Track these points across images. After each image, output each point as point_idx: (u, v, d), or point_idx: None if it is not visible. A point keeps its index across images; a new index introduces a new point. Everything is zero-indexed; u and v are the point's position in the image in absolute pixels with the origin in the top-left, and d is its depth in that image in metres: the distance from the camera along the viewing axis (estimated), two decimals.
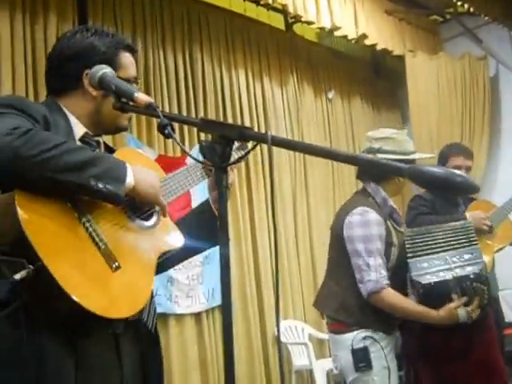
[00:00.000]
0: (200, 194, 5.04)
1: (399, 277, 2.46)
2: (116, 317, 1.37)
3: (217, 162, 1.18)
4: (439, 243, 2.45)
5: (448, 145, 3.58)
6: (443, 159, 3.41)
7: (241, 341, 5.00)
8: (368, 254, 2.36)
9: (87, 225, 1.34)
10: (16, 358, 1.28)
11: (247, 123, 5.49)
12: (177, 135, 1.34)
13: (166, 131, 1.27)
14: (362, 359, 2.35)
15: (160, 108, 1.38)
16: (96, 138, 1.60)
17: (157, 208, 1.54)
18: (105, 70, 1.48)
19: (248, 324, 5.19)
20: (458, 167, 3.24)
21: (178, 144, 1.35)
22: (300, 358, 5.23)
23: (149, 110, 1.37)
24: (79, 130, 1.54)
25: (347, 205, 2.59)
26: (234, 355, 1.13)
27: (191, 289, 4.77)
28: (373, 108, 7.14)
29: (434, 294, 2.37)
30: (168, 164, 4.86)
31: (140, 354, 1.54)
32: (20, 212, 1.24)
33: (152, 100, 1.38)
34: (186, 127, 4.95)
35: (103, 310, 1.30)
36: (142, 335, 1.52)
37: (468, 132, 6.30)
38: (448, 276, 2.39)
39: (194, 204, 4.99)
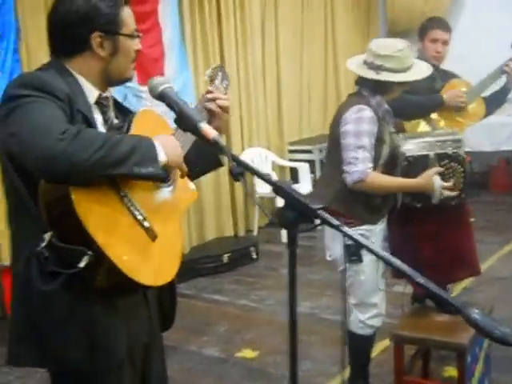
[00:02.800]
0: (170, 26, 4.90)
1: (389, 174, 2.63)
2: (162, 283, 1.55)
3: (288, 227, 1.26)
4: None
5: (429, 18, 3.43)
6: (422, 33, 3.31)
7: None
8: (357, 148, 2.48)
9: (125, 200, 1.45)
10: (71, 317, 1.47)
11: None
12: None
13: (239, 180, 1.32)
14: (353, 254, 2.56)
15: None
16: (105, 95, 1.65)
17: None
18: (165, 85, 1.51)
19: None
20: (435, 40, 3.21)
21: (248, 192, 1.30)
22: (263, 187, 5.28)
23: (215, 147, 1.39)
24: (92, 93, 1.61)
25: (343, 105, 2.66)
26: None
27: None
28: None
29: (416, 168, 2.58)
30: None
31: (158, 291, 1.71)
32: (74, 197, 1.34)
33: (218, 135, 1.39)
34: None
35: (153, 281, 1.51)
36: None
37: None
38: (429, 152, 2.62)
39: (166, 38, 4.87)
